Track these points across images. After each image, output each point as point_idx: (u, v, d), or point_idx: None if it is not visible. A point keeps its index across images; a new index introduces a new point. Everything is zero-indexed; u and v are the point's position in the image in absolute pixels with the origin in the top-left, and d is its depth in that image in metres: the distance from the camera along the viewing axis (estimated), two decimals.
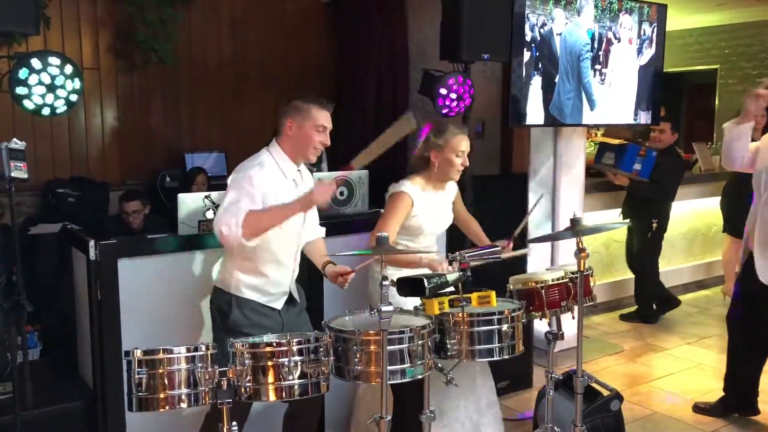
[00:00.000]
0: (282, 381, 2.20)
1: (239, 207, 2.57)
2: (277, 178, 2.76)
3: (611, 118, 4.96)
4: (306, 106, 2.76)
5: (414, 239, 3.17)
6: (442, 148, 3.10)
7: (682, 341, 5.27)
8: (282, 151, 2.80)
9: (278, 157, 2.79)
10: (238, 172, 2.74)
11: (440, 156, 3.10)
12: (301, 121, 2.75)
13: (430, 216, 3.16)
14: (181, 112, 6.24)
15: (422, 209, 3.11)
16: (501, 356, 2.66)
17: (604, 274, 6.05)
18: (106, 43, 5.79)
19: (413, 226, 3.12)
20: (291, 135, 2.77)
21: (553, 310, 2.94)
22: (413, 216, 3.10)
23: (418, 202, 3.09)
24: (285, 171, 2.79)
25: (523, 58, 4.28)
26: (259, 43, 6.47)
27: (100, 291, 2.91)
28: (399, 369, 2.39)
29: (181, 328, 3.10)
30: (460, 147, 3.11)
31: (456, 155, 3.10)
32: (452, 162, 3.10)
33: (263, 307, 2.80)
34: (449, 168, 3.11)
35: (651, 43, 5.03)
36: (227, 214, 2.56)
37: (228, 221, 2.53)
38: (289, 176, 2.81)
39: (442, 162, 3.11)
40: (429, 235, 3.22)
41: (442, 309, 2.46)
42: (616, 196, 5.87)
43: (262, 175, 2.70)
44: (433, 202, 3.18)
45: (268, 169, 2.74)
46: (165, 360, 2.12)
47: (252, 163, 2.77)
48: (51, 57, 2.83)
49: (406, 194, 3.08)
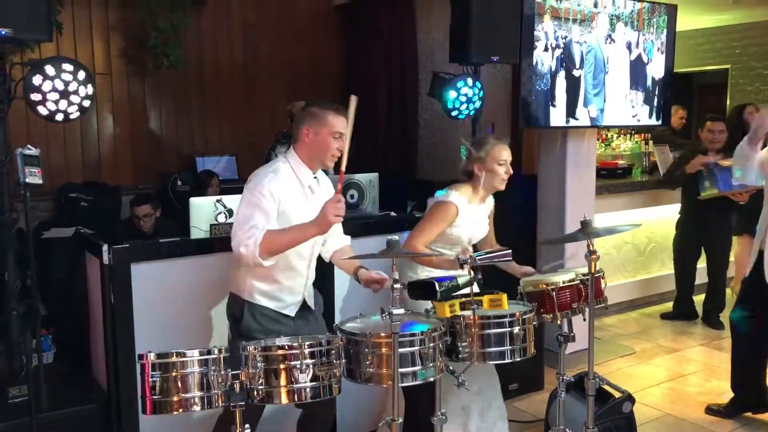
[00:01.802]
0: (294, 384, 2.22)
1: (256, 225, 2.57)
2: (293, 186, 2.75)
3: (622, 120, 4.95)
4: (322, 113, 2.74)
5: (451, 248, 3.19)
6: (484, 160, 3.13)
7: (695, 342, 5.25)
8: (299, 158, 2.78)
9: (295, 164, 2.78)
10: (252, 181, 2.72)
11: (484, 168, 3.13)
12: (317, 128, 2.74)
13: (471, 228, 3.19)
14: (192, 116, 6.29)
15: (465, 220, 3.13)
16: (512, 359, 2.66)
17: (616, 276, 6.03)
18: (117, 48, 5.85)
19: (453, 236, 3.14)
20: (308, 142, 2.76)
21: (564, 313, 2.93)
22: (455, 226, 3.12)
23: (462, 213, 3.11)
24: (301, 178, 2.78)
25: (532, 55, 4.29)
26: (270, 47, 6.52)
27: (114, 295, 2.94)
28: (410, 371, 2.40)
29: (193, 331, 3.13)
30: (501, 156, 3.14)
31: (499, 164, 3.13)
32: (496, 172, 3.13)
33: (276, 313, 2.79)
34: (494, 178, 3.14)
35: (662, 45, 5.02)
36: (245, 233, 2.56)
37: (246, 242, 2.55)
38: (306, 183, 2.79)
39: (486, 174, 3.13)
40: (465, 245, 3.24)
41: (453, 312, 2.46)
42: (628, 197, 5.86)
43: (277, 183, 2.69)
44: (474, 213, 3.20)
45: (283, 176, 2.73)
46: (178, 363, 2.13)
47: (267, 170, 2.75)
48: (64, 63, 2.86)
49: (453, 205, 3.09)
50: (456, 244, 3.15)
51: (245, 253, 2.55)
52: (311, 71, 6.61)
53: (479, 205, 3.23)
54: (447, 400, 3.03)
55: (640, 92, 4.96)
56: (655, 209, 6.16)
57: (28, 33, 2.80)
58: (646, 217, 6.14)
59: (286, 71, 6.53)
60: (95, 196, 5.58)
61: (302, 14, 6.68)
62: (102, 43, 5.80)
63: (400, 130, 6.37)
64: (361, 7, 6.60)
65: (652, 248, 6.27)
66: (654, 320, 5.85)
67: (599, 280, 3.08)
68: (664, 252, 6.34)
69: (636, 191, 5.94)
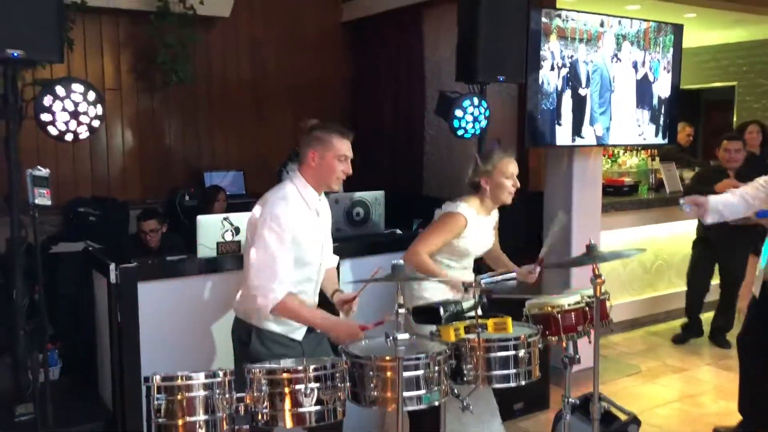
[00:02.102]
0: (298, 407, 2.22)
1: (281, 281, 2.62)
2: (302, 210, 2.77)
3: (628, 139, 4.96)
4: (327, 137, 2.77)
5: (458, 260, 3.20)
6: (491, 173, 3.15)
7: (702, 362, 5.23)
8: (305, 181, 2.80)
9: (302, 187, 2.80)
10: (266, 211, 2.71)
11: (491, 181, 3.15)
12: (323, 151, 2.76)
13: (478, 239, 3.21)
14: (201, 131, 6.33)
15: (472, 232, 3.16)
16: (517, 382, 2.65)
17: (622, 293, 6.02)
18: (127, 64, 5.89)
19: (461, 248, 3.16)
20: (314, 166, 2.78)
21: (570, 335, 2.93)
22: (463, 237, 3.14)
23: (470, 225, 3.13)
24: (308, 201, 2.80)
25: (538, 74, 4.31)
26: (278, 63, 6.56)
27: (121, 314, 2.96)
28: (415, 395, 2.39)
29: (200, 350, 3.14)
30: (509, 170, 3.17)
31: (506, 178, 3.15)
32: (503, 185, 3.16)
33: (283, 337, 2.79)
34: (501, 191, 3.17)
35: (668, 64, 5.03)
36: (269, 285, 2.61)
37: (266, 293, 2.61)
38: (312, 206, 2.81)
39: (493, 187, 3.16)
40: (471, 257, 3.27)
41: (458, 336, 2.46)
42: (634, 215, 5.86)
43: (289, 211, 2.71)
44: (481, 226, 3.22)
45: (292, 202, 2.75)
46: (184, 386, 2.14)
47: (276, 197, 2.76)
48: (74, 84, 2.88)
49: (461, 216, 3.12)
50: (463, 256, 3.17)
51: (262, 304, 2.63)
52: (319, 87, 6.64)
53: (486, 217, 3.25)
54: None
55: (646, 111, 4.97)
56: (661, 227, 6.15)
57: (39, 54, 2.83)
58: (652, 234, 6.14)
59: (294, 87, 6.57)
60: (103, 211, 5.61)
61: (310, 30, 6.72)
62: (112, 59, 5.85)
63: (406, 147, 6.39)
64: (370, 24, 6.64)
65: (658, 266, 6.25)
66: (661, 338, 5.82)
67: (604, 302, 3.08)
68: (670, 269, 6.33)
69: (642, 209, 5.93)
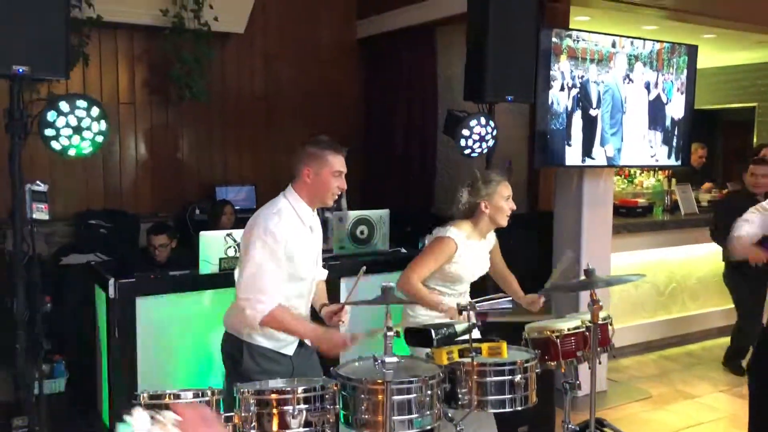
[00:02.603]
0: (286, 429, 2.21)
1: (271, 295, 2.61)
2: (296, 226, 2.76)
3: (640, 160, 4.90)
4: (321, 153, 2.76)
5: (450, 285, 3.16)
6: (492, 197, 3.13)
7: (714, 388, 5.11)
8: (299, 197, 2.80)
9: (295, 203, 2.79)
10: (258, 225, 2.71)
11: (491, 205, 3.13)
12: (317, 168, 2.75)
13: (470, 264, 3.17)
14: (214, 146, 6.37)
15: (464, 257, 3.12)
16: (513, 407, 2.62)
17: (633, 316, 5.93)
18: (141, 78, 5.96)
19: (453, 274, 3.12)
20: (309, 182, 2.77)
21: (569, 360, 2.88)
22: (454, 263, 3.10)
23: (461, 249, 3.10)
24: (302, 217, 2.79)
25: (548, 94, 4.29)
26: (292, 78, 6.59)
27: (118, 329, 2.96)
28: (407, 419, 2.37)
29: (198, 366, 3.13)
30: (506, 192, 3.16)
31: (505, 200, 3.15)
32: (502, 208, 3.14)
33: (274, 353, 2.77)
34: (500, 214, 3.15)
35: (682, 86, 4.98)
36: (256, 297, 2.60)
37: (254, 305, 2.59)
38: (306, 222, 2.81)
39: (493, 210, 3.14)
40: (465, 283, 3.22)
41: (451, 359, 2.43)
42: (647, 237, 5.78)
43: (282, 225, 2.70)
44: (474, 250, 3.19)
45: (286, 217, 2.74)
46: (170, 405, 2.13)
47: (270, 212, 2.75)
48: (78, 100, 2.91)
49: (451, 240, 3.09)
50: (456, 282, 3.13)
51: (250, 315, 2.61)
52: (332, 103, 6.67)
53: (479, 241, 3.21)
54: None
55: (659, 132, 4.91)
56: (676, 249, 6.06)
57: (45, 71, 2.86)
58: (666, 256, 6.06)
59: (307, 103, 6.59)
60: (114, 224, 5.66)
61: (325, 47, 6.76)
62: (127, 74, 5.92)
63: (418, 164, 6.38)
64: (384, 41, 6.66)
65: (672, 288, 6.15)
66: (673, 363, 5.72)
67: (606, 327, 3.04)
68: (684, 292, 6.23)
69: (655, 230, 5.86)
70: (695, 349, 6.08)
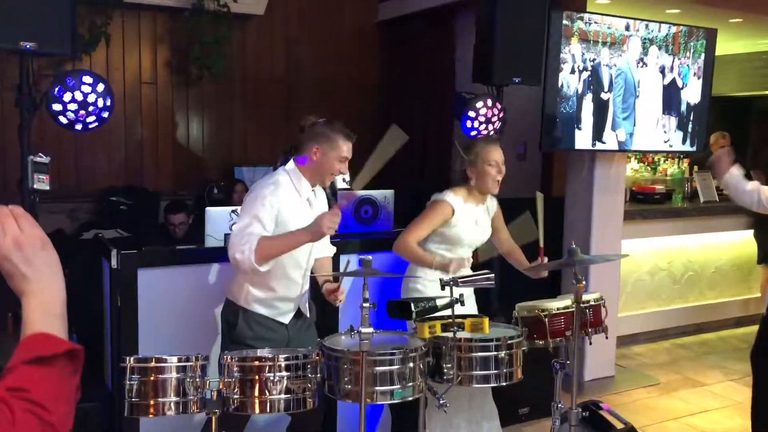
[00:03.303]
0: (267, 395, 2.28)
1: (252, 233, 2.65)
2: (292, 198, 2.83)
3: (653, 145, 4.85)
4: (334, 136, 2.81)
5: (452, 249, 3.21)
6: (474, 162, 3.16)
7: (725, 377, 5.07)
8: (300, 173, 2.87)
9: (295, 177, 2.86)
10: (253, 192, 2.82)
11: (475, 170, 3.16)
12: (327, 149, 2.81)
13: (470, 228, 3.22)
14: (234, 127, 6.46)
15: (462, 220, 3.17)
16: (498, 383, 2.66)
17: (648, 303, 5.89)
18: (163, 59, 6.07)
19: (453, 237, 3.18)
20: (315, 160, 2.83)
21: (557, 339, 2.90)
22: (453, 226, 3.16)
23: (458, 213, 3.15)
24: (300, 191, 2.86)
25: (558, 77, 4.27)
26: (312, 61, 6.64)
27: (120, 298, 3.06)
28: (388, 390, 2.42)
29: (198, 337, 3.22)
30: (491, 156, 3.15)
31: (489, 164, 3.14)
32: (487, 173, 3.14)
33: (269, 320, 2.87)
34: (486, 180, 3.16)
35: (699, 70, 4.90)
36: (241, 240, 2.65)
37: (242, 248, 2.63)
38: (304, 196, 2.87)
39: (477, 175, 3.16)
40: (467, 247, 3.27)
41: (433, 333, 2.48)
42: (664, 224, 5.73)
43: (277, 195, 2.77)
44: (473, 214, 3.23)
45: (283, 189, 2.81)
46: (155, 368, 2.22)
47: (267, 182, 2.84)
48: (84, 76, 3.01)
49: (446, 203, 3.15)
50: (457, 244, 3.18)
51: (241, 259, 2.63)
52: (351, 86, 6.70)
53: (477, 206, 3.25)
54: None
55: (673, 117, 4.85)
56: (694, 237, 6.00)
57: (52, 47, 2.96)
58: (683, 244, 6.00)
59: (327, 85, 6.64)
60: (134, 200, 5.79)
61: (345, 29, 6.78)
62: (149, 54, 6.03)
63: (434, 147, 6.39)
64: (403, 25, 6.66)
65: (689, 276, 6.09)
66: (687, 351, 5.68)
67: (599, 308, 3.04)
68: (702, 281, 6.17)
69: (672, 217, 5.80)
70: (710, 339, 6.02)
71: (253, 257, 2.60)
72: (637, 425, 4.01)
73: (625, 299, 5.66)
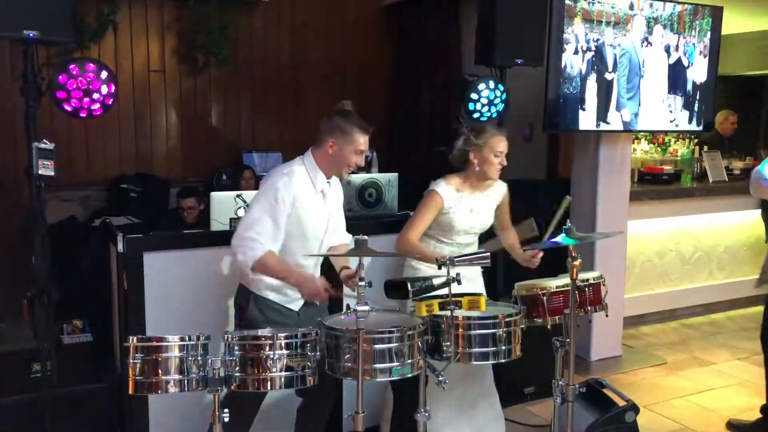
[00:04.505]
0: (267, 372, 2.33)
1: (262, 242, 2.71)
2: (306, 189, 2.87)
3: (658, 125, 4.84)
4: (350, 129, 2.83)
5: (446, 235, 3.26)
6: (481, 148, 3.19)
7: (732, 356, 5.07)
8: (316, 164, 2.90)
9: (311, 168, 2.89)
10: (268, 181, 2.84)
11: (479, 156, 3.19)
12: (342, 143, 2.84)
13: (464, 216, 3.24)
14: (242, 113, 6.51)
15: (455, 209, 3.21)
16: (497, 360, 2.69)
17: (657, 284, 5.89)
18: (171, 47, 6.11)
19: (444, 223, 3.23)
20: (331, 154, 2.86)
21: (556, 318, 2.93)
22: (445, 214, 3.21)
23: (450, 201, 3.19)
24: (315, 182, 2.89)
25: (561, 58, 4.27)
26: (318, 47, 6.66)
27: (127, 282, 3.12)
28: (387, 367, 2.46)
29: (204, 319, 3.27)
30: (498, 147, 3.20)
31: (494, 155, 3.18)
32: (491, 161, 3.19)
33: (280, 306, 2.91)
34: (488, 167, 3.20)
35: (705, 48, 4.87)
36: (250, 242, 2.70)
37: (245, 250, 2.70)
38: (319, 188, 2.91)
39: (481, 161, 3.20)
40: (463, 234, 3.29)
41: (430, 311, 2.51)
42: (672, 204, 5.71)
43: (291, 186, 2.81)
44: (468, 201, 3.25)
45: (297, 179, 2.84)
46: (158, 347, 2.28)
47: (282, 171, 2.86)
48: (88, 63, 3.06)
49: (436, 193, 3.20)
50: (449, 231, 3.22)
51: (240, 259, 2.72)
52: (358, 71, 6.71)
53: (473, 194, 3.27)
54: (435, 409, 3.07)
55: (679, 97, 4.83)
56: (702, 217, 5.98)
57: (54, 35, 3.01)
58: (692, 224, 5.99)
59: (334, 70, 6.65)
60: (144, 188, 5.86)
61: (352, 15, 6.79)
62: (157, 42, 6.07)
63: (441, 130, 6.40)
64: (409, 8, 6.65)
65: (698, 257, 6.08)
66: (695, 331, 5.68)
67: (599, 286, 3.06)
68: (711, 261, 6.16)
69: (680, 198, 5.78)
70: (719, 319, 6.02)
71: (250, 264, 2.71)
72: (642, 403, 4.06)
73: (634, 280, 5.66)
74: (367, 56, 6.80)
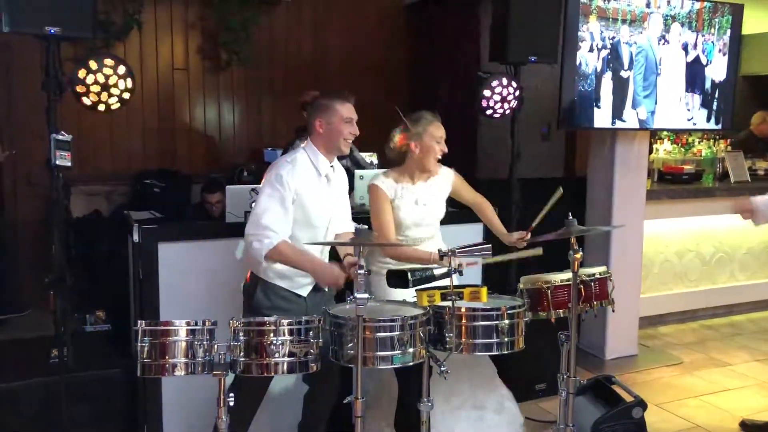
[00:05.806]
0: (270, 358, 2.39)
1: (276, 230, 2.77)
2: (310, 175, 2.95)
3: (675, 123, 4.81)
4: (330, 103, 2.94)
5: (402, 231, 3.21)
6: (421, 136, 3.17)
7: (751, 357, 5.02)
8: (316, 149, 2.98)
9: (312, 154, 2.98)
10: (272, 171, 2.93)
11: (420, 144, 3.17)
12: (328, 117, 2.93)
13: (409, 208, 3.20)
14: (263, 110, 6.61)
15: (399, 200, 3.18)
16: (500, 351, 2.71)
17: (677, 284, 5.85)
18: (195, 45, 6.23)
19: (395, 220, 3.19)
20: (323, 132, 2.95)
21: (560, 311, 2.94)
22: (393, 208, 3.18)
23: (392, 193, 3.17)
24: (319, 167, 2.97)
25: (576, 55, 4.27)
26: (339, 45, 6.73)
27: (142, 271, 3.21)
28: (389, 355, 2.51)
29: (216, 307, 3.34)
30: (438, 133, 3.19)
31: (436, 142, 3.17)
32: (432, 149, 3.17)
33: (288, 292, 2.97)
34: (429, 156, 3.18)
35: (725, 46, 4.84)
36: (263, 231, 2.77)
37: (260, 239, 2.77)
38: (323, 172, 2.98)
39: (423, 150, 3.17)
40: (414, 227, 3.23)
41: (432, 302, 2.55)
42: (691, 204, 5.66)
43: (294, 173, 2.89)
44: (410, 193, 3.22)
45: (300, 166, 2.93)
46: (165, 331, 2.35)
47: (285, 160, 2.97)
48: (106, 59, 3.16)
49: (376, 186, 3.18)
50: (398, 226, 3.17)
51: (255, 248, 2.78)
52: (379, 69, 6.76)
53: (415, 184, 3.23)
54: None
55: (696, 95, 4.80)
56: (723, 218, 5.91)
57: (75, 31, 3.11)
58: (712, 225, 5.92)
59: (354, 68, 6.71)
60: (168, 183, 5.98)
61: (373, 13, 6.85)
62: (181, 40, 6.20)
63: (461, 128, 6.41)
64: (431, 7, 6.69)
65: (719, 258, 6.02)
66: (714, 332, 5.63)
67: (605, 281, 3.07)
68: (733, 263, 6.09)
69: (700, 198, 5.72)
70: (740, 320, 5.96)
71: (264, 253, 2.76)
72: (654, 402, 4.06)
73: (653, 281, 5.63)
74: (387, 54, 6.85)
